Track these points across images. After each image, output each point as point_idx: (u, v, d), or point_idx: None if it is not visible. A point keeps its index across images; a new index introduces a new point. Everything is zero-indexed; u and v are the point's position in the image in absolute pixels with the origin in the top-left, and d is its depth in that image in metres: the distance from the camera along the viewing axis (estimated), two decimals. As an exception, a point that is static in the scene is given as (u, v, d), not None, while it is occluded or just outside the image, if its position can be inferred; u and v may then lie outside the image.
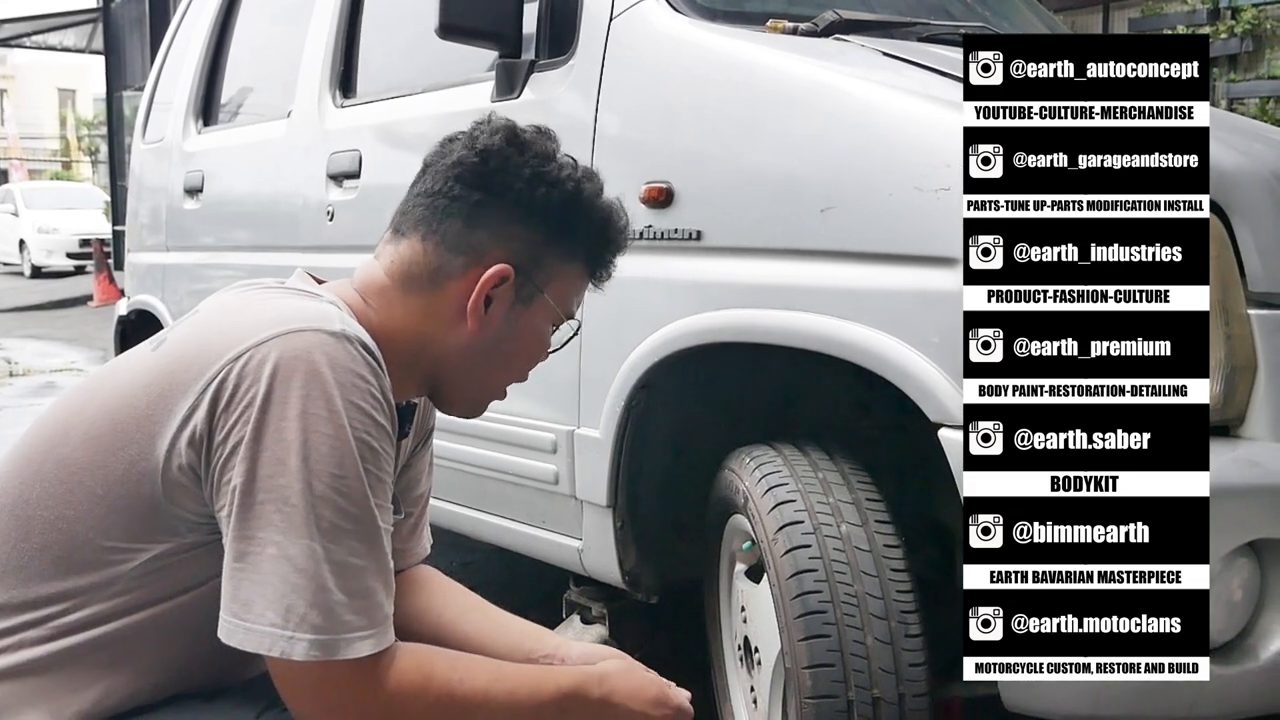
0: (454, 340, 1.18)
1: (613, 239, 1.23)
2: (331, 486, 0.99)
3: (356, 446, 1.01)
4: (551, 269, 1.20)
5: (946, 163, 1.54)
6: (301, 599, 0.97)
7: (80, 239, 16.26)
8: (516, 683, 1.12)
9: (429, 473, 1.44)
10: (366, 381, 1.03)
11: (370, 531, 1.02)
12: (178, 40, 3.98)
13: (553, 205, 1.17)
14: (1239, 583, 1.46)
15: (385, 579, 1.04)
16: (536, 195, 1.16)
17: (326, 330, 1.02)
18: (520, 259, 1.17)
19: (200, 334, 1.07)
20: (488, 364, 1.21)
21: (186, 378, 1.02)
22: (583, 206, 1.19)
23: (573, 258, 1.21)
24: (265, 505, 0.98)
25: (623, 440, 2.00)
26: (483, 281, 1.15)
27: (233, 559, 0.99)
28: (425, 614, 1.35)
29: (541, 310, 1.21)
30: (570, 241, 1.20)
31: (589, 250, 1.22)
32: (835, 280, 1.67)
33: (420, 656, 1.07)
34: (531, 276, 1.18)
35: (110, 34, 14.15)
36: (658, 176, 1.92)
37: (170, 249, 3.68)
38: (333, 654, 0.98)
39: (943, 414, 1.51)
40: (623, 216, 1.24)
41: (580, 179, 1.19)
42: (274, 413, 0.98)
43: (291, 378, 0.99)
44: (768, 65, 1.85)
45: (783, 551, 1.62)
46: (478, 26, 2.11)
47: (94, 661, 1.05)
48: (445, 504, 2.46)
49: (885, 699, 1.53)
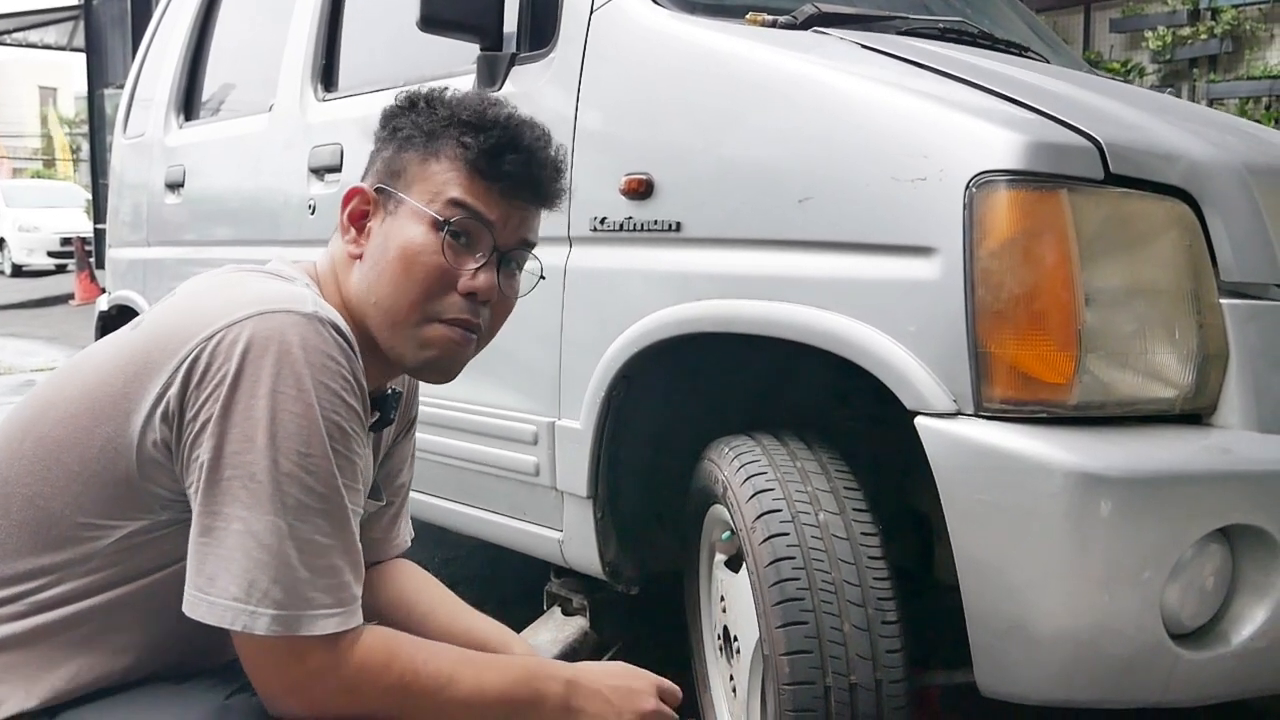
0: (355, 278, 1.19)
1: (471, 120, 1.17)
2: (298, 464, 0.99)
3: (325, 426, 1.01)
4: (410, 174, 1.18)
5: (923, 153, 1.56)
6: (265, 574, 0.98)
7: (62, 237, 16.15)
8: (483, 666, 1.12)
9: (410, 463, 1.45)
10: (337, 363, 1.03)
11: (337, 511, 1.02)
12: (159, 34, 3.97)
13: (404, 116, 1.19)
14: (1210, 569, 1.47)
15: (352, 559, 1.04)
16: (393, 119, 1.20)
17: (299, 312, 1.03)
18: (381, 177, 1.19)
19: (176, 314, 1.08)
20: (380, 286, 1.16)
21: (161, 356, 1.03)
22: (433, 105, 1.19)
23: (431, 155, 1.17)
24: (232, 481, 0.99)
25: (603, 431, 2.00)
26: (341, 206, 1.19)
27: (198, 534, 1.00)
28: (397, 607, 1.36)
29: (408, 213, 1.17)
30: (425, 141, 1.18)
31: (452, 143, 1.17)
32: (813, 270, 1.68)
33: (386, 637, 1.07)
34: (391, 185, 1.18)
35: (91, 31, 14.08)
36: (637, 168, 1.93)
37: (151, 244, 3.67)
38: (295, 629, 0.99)
39: (919, 402, 1.52)
40: (485, 101, 1.20)
41: (442, 90, 1.20)
42: (244, 390, 0.99)
43: (263, 357, 1.00)
44: (747, 58, 1.86)
45: (761, 540, 1.63)
46: (459, 19, 2.11)
47: (68, 639, 1.06)
48: (426, 497, 2.47)
49: (862, 685, 1.54)
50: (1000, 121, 1.55)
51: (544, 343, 2.12)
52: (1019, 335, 1.47)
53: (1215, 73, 6.71)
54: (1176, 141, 1.64)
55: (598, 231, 2.01)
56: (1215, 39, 6.63)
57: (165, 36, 3.89)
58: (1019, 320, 1.47)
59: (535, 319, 2.12)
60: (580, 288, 2.06)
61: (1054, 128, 1.54)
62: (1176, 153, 1.59)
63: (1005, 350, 1.47)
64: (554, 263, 2.08)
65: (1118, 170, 1.51)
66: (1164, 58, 6.86)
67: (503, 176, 1.16)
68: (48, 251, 16.52)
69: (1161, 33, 6.80)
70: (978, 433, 1.47)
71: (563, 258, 2.07)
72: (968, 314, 1.48)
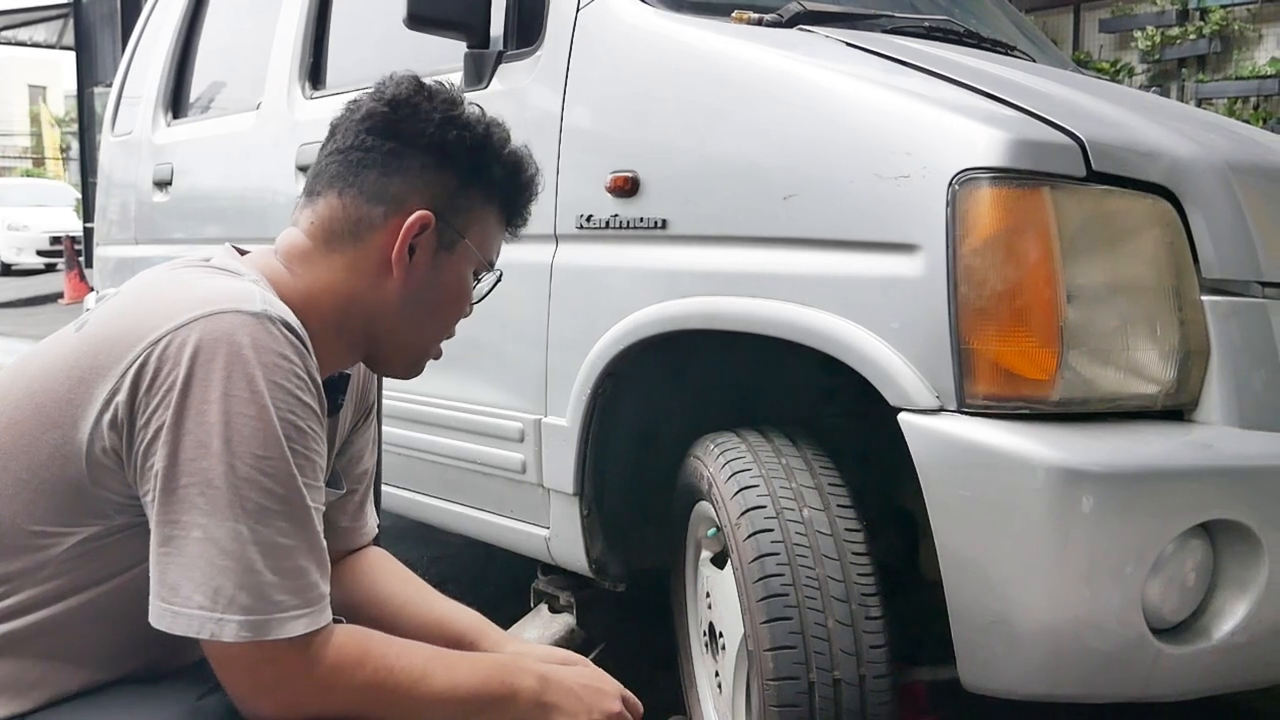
0: (381, 293, 1.17)
1: (524, 185, 1.23)
2: (255, 467, 0.98)
3: (281, 426, 1.00)
4: (470, 214, 1.19)
5: (907, 151, 1.56)
6: (229, 580, 0.96)
7: (51, 236, 16.09)
8: (456, 661, 1.12)
9: (373, 449, 1.42)
10: (290, 361, 1.02)
11: (299, 511, 1.01)
12: (147, 32, 3.96)
13: (465, 148, 1.17)
14: (1192, 564, 1.48)
15: (318, 558, 1.03)
16: (449, 139, 1.16)
17: (248, 311, 1.01)
18: (439, 204, 1.17)
19: (121, 316, 1.05)
20: (416, 315, 1.20)
21: (108, 360, 1.01)
22: (494, 149, 1.19)
23: (489, 201, 1.20)
24: (189, 489, 0.97)
25: (589, 429, 2.01)
26: (406, 228, 1.15)
27: (159, 544, 0.98)
28: (370, 600, 1.35)
29: (464, 256, 1.20)
30: (486, 185, 1.19)
31: (503, 195, 1.21)
32: (798, 267, 1.69)
33: (358, 635, 1.06)
34: (451, 222, 1.18)
35: (81, 30, 14.03)
36: (623, 166, 1.93)
37: (139, 242, 3.66)
38: (264, 634, 0.98)
39: (903, 399, 1.53)
40: (532, 164, 1.23)
41: (489, 124, 1.19)
42: (195, 396, 0.98)
43: (212, 360, 0.98)
44: (732, 55, 1.86)
45: (745, 535, 1.63)
46: (446, 17, 2.12)
47: (30, 649, 1.04)
48: (413, 494, 2.47)
49: (846, 680, 1.55)
50: (983, 119, 1.55)
51: (530, 340, 2.12)
52: (1001, 332, 1.48)
53: (1204, 73, 6.73)
54: (1158, 139, 1.65)
55: (584, 229, 2.01)
56: (1204, 39, 6.65)
57: (154, 34, 3.88)
58: (1001, 317, 1.48)
59: (522, 317, 2.12)
60: (566, 285, 2.06)
61: (1036, 125, 1.55)
62: (1158, 150, 1.60)
63: (988, 347, 1.48)
64: (540, 260, 2.08)
65: (1100, 168, 1.52)
66: (1153, 58, 6.88)
67: (517, 229, 1.26)
68: (37, 250, 16.45)
69: (1150, 33, 6.83)
70: (961, 429, 1.48)
71: (549, 255, 2.07)
72: (951, 311, 1.49)
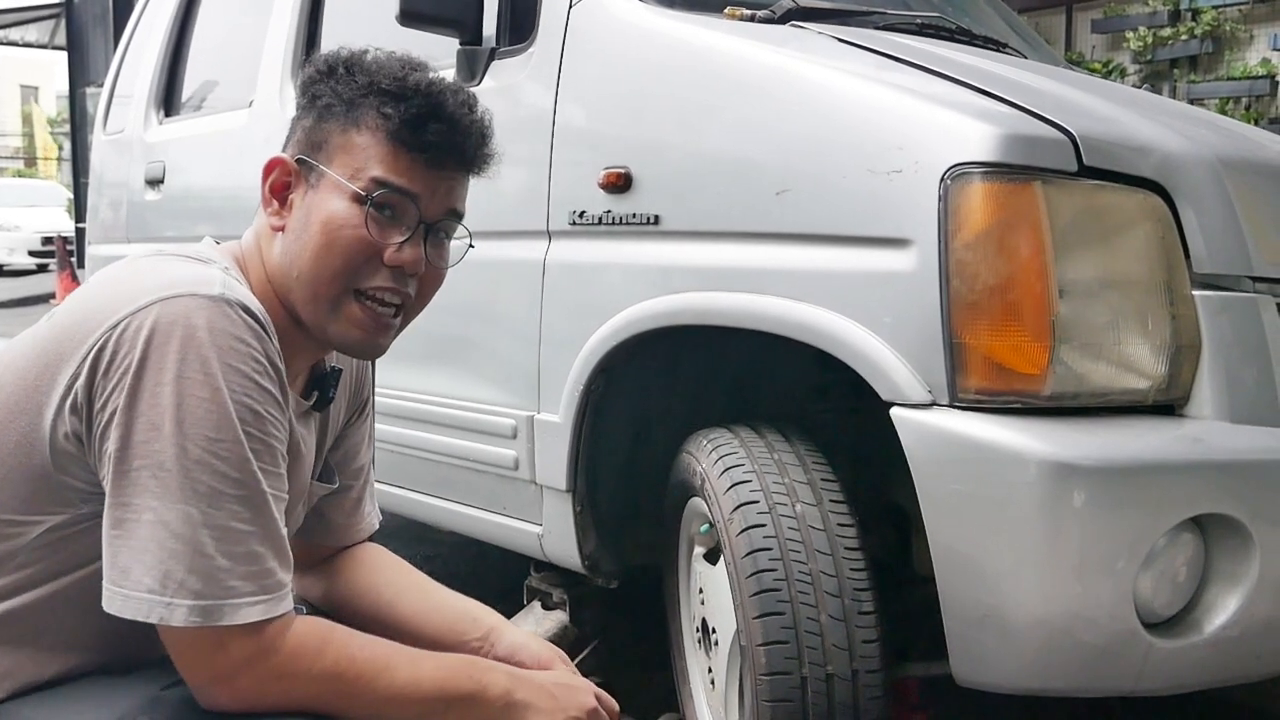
0: (275, 255, 1.16)
1: (391, 89, 1.13)
2: (208, 450, 0.97)
3: (235, 410, 0.99)
4: (332, 146, 1.15)
5: (899, 146, 1.57)
6: (179, 564, 0.96)
7: (43, 236, 16.03)
8: (422, 656, 1.11)
9: (368, 445, 1.41)
10: (247, 345, 1.01)
11: (255, 496, 1.00)
12: (139, 30, 3.95)
13: (316, 79, 1.17)
14: (1183, 558, 1.48)
15: (275, 545, 1.02)
16: (306, 78, 1.17)
17: (204, 294, 1.01)
18: (302, 148, 1.17)
19: (85, 303, 1.06)
20: (301, 262, 1.14)
21: (70, 346, 1.01)
22: (353, 71, 1.15)
23: (352, 126, 1.14)
24: (141, 471, 0.97)
25: (582, 425, 2.00)
26: (262, 179, 1.16)
27: (110, 526, 0.98)
28: (365, 593, 1.34)
29: (331, 187, 1.14)
30: (345, 111, 1.15)
31: (372, 113, 1.13)
32: (791, 262, 1.69)
33: (319, 625, 1.06)
34: (312, 156, 1.15)
35: (73, 30, 13.97)
36: (616, 161, 1.93)
37: (131, 240, 3.64)
38: (215, 619, 0.97)
39: (895, 393, 1.53)
40: (406, 66, 1.16)
41: (352, 51, 1.17)
42: (149, 378, 0.97)
43: (167, 343, 0.98)
44: (725, 51, 1.86)
45: (738, 531, 1.63)
46: (438, 13, 2.12)
47: (2, 638, 1.04)
48: (405, 491, 2.47)
49: (838, 675, 1.55)
50: (974, 114, 1.56)
51: (523, 337, 2.11)
52: (993, 326, 1.48)
53: (1196, 73, 6.75)
54: (1149, 134, 1.65)
55: (577, 225, 2.01)
56: (1196, 40, 6.67)
57: (145, 32, 3.87)
58: (993, 311, 1.48)
59: (515, 313, 2.12)
60: (559, 281, 2.06)
61: (1028, 120, 1.55)
62: (1149, 145, 1.60)
63: (980, 341, 1.48)
64: (533, 257, 2.08)
65: (1091, 162, 1.52)
66: (1145, 58, 6.90)
67: (426, 147, 1.13)
68: (29, 250, 16.38)
69: (1142, 33, 6.84)
70: (953, 423, 1.48)
71: (542, 251, 2.07)
72: (943, 305, 1.49)
